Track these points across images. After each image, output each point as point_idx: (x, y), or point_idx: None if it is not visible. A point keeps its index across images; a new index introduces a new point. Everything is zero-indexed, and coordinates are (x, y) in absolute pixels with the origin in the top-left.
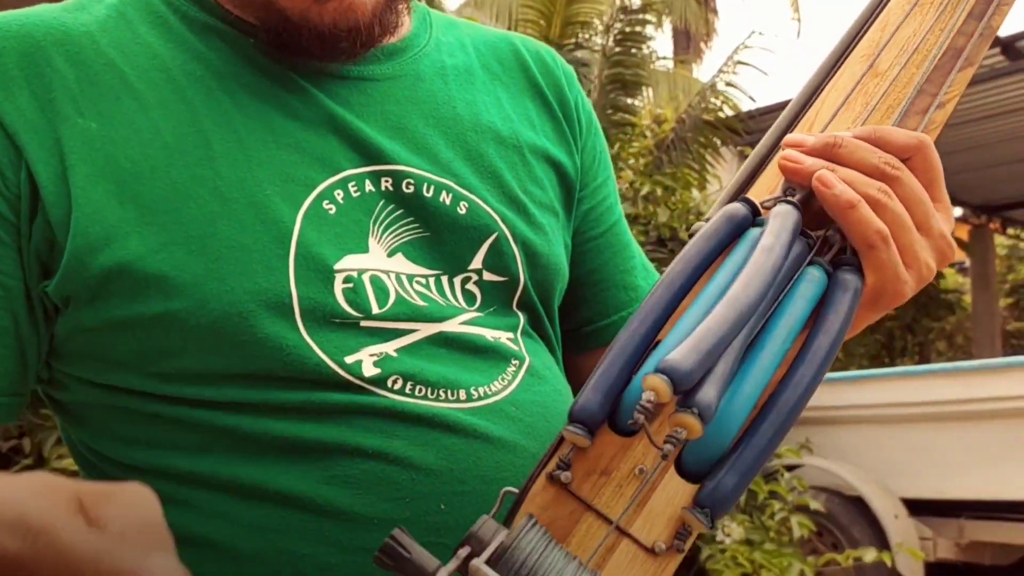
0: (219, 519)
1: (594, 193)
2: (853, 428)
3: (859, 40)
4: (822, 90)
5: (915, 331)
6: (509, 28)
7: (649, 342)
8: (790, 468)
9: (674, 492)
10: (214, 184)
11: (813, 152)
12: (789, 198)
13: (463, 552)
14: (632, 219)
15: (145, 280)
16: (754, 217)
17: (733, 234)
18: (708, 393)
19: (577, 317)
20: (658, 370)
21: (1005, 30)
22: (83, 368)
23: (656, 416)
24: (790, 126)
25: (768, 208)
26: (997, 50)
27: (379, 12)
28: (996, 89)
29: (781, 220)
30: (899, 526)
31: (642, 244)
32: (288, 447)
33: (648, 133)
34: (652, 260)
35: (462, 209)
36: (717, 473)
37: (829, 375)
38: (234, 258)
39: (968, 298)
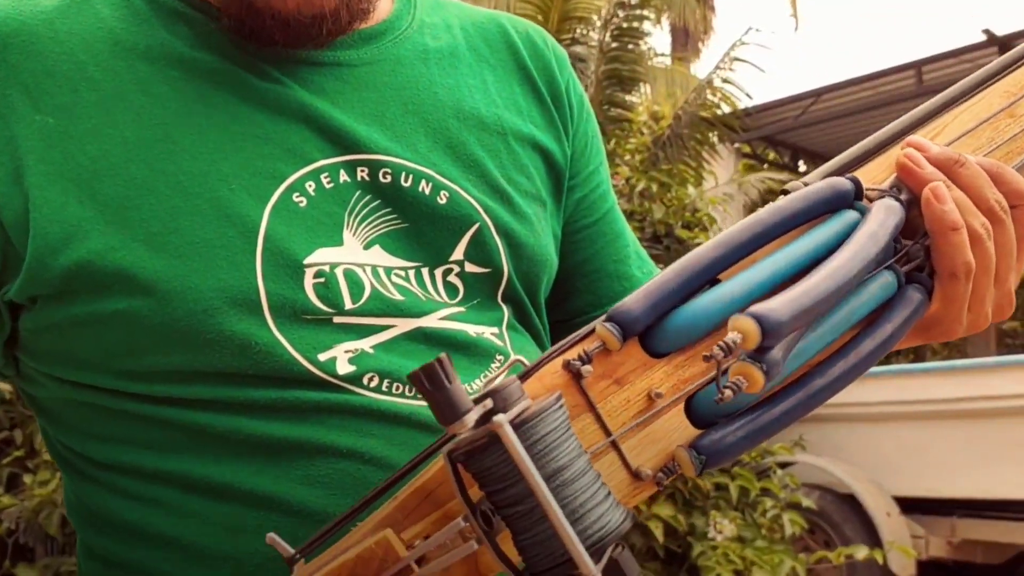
0: (190, 518)
1: (586, 181)
2: (847, 426)
3: (1008, 74)
4: (957, 105)
5: None
6: None
7: (714, 273)
8: (783, 465)
9: (675, 428)
10: (176, 179)
11: (935, 161)
12: (897, 195)
13: (489, 403)
14: (628, 215)
15: (106, 278)
16: (855, 198)
17: (832, 205)
18: (778, 354)
19: (569, 307)
20: (752, 314)
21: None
22: (52, 365)
23: (733, 355)
24: (916, 126)
25: (870, 197)
26: (994, 49)
27: None
28: None
29: (887, 213)
30: (891, 524)
31: (638, 240)
32: (260, 446)
33: (645, 130)
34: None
35: (442, 199)
36: (725, 427)
37: None
38: (197, 254)
39: None
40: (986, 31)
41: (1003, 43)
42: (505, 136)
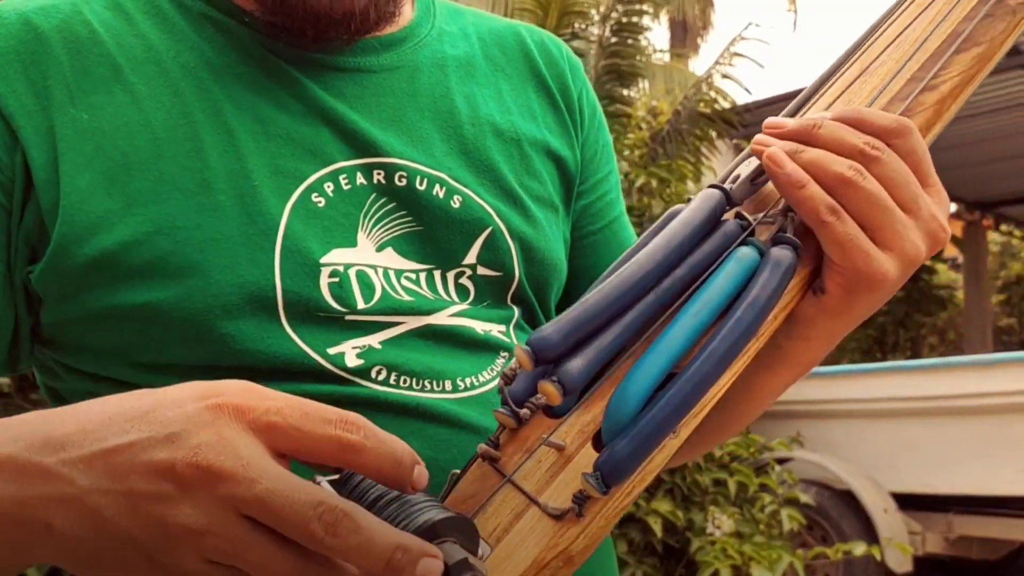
0: None
1: (594, 188)
2: (844, 422)
3: (866, 49)
4: (825, 88)
5: (907, 326)
6: (505, 16)
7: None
8: (781, 461)
9: (586, 464)
10: (202, 176)
11: (790, 135)
12: (721, 184)
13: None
14: (627, 210)
15: (129, 270)
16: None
17: (712, 217)
18: (574, 365)
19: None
20: (527, 341)
21: None
22: (71, 357)
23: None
24: (809, 97)
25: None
26: None
27: None
28: (991, 86)
29: (699, 201)
30: (888, 520)
31: (637, 236)
32: None
33: (643, 125)
34: None
35: (456, 203)
36: (614, 442)
37: (821, 369)
38: (219, 251)
39: (960, 294)
40: None
41: None
42: (519, 142)
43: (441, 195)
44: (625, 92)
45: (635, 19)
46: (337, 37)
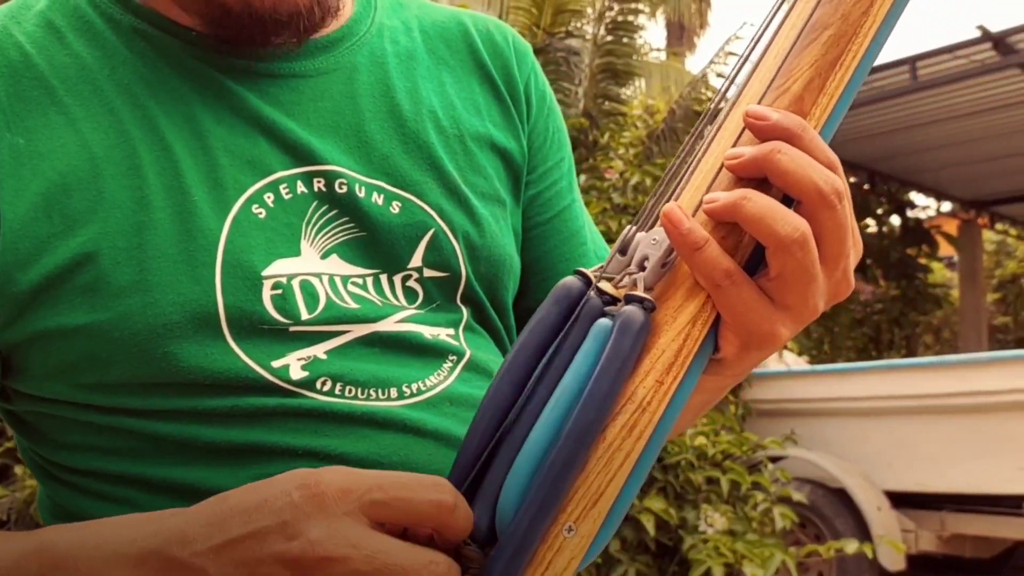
0: None
1: (542, 177)
2: (838, 420)
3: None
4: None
5: (902, 325)
6: (501, 15)
7: (480, 453)
8: (774, 460)
9: None
10: (141, 194)
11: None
12: (585, 271)
13: None
14: (621, 209)
15: (71, 292)
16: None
17: (567, 308)
18: (481, 520)
19: (523, 306)
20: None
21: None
22: (16, 380)
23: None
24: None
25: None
26: (988, 45)
27: None
28: (986, 84)
29: (549, 297)
30: (881, 518)
31: None
32: (219, 450)
33: (639, 124)
34: None
35: (395, 208)
36: (492, 557)
37: (815, 367)
38: (159, 268)
39: (956, 293)
40: (980, 27)
41: (997, 39)
42: (462, 138)
43: (380, 202)
44: (620, 91)
45: (630, 18)
46: (287, 40)
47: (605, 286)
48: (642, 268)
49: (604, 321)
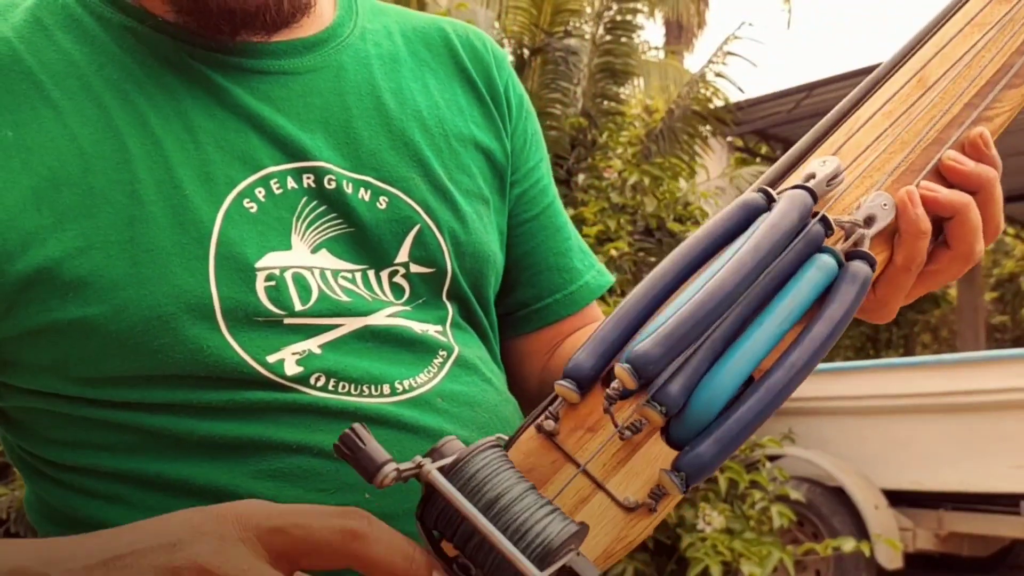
0: (149, 512)
1: (526, 176)
2: (836, 419)
3: (913, 55)
4: (869, 98)
5: (900, 324)
6: (500, 15)
7: (651, 311)
8: (772, 458)
9: (656, 455)
10: (131, 188)
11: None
12: (806, 184)
13: (422, 459)
14: (619, 208)
15: (63, 286)
16: (769, 205)
17: (746, 219)
18: (673, 389)
19: (511, 300)
20: (625, 359)
21: None
22: (7, 373)
23: (627, 398)
24: (832, 128)
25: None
26: None
27: None
28: None
29: (787, 203)
30: (879, 517)
31: (629, 234)
32: (214, 445)
33: (638, 123)
34: (639, 250)
35: (382, 204)
36: (699, 442)
37: None
38: (152, 261)
39: (954, 292)
40: None
41: None
42: (447, 136)
43: (367, 198)
44: (619, 90)
45: (629, 17)
46: (254, 33)
47: (831, 221)
48: (868, 225)
49: (828, 259)
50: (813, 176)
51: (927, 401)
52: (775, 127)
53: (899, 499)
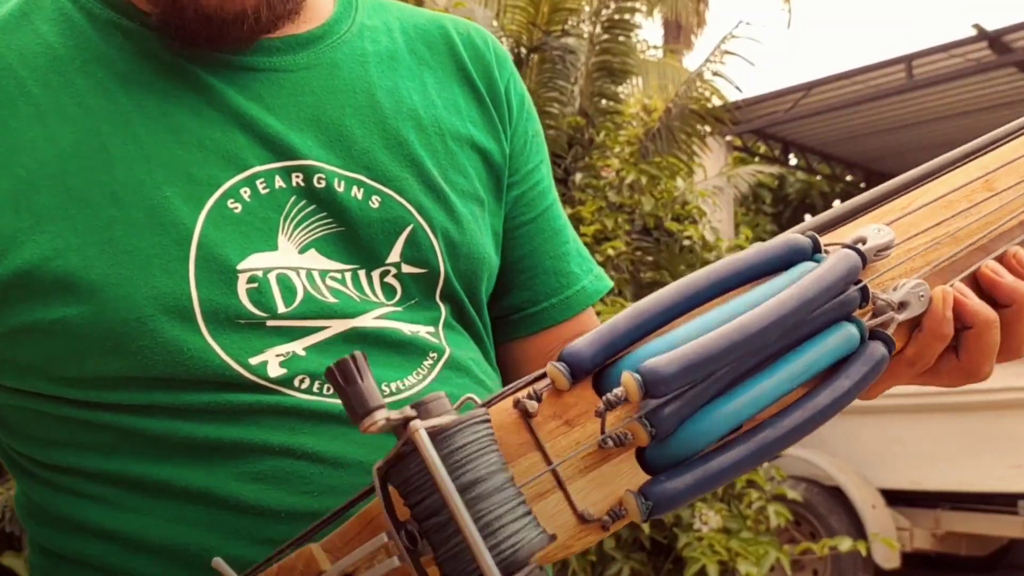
0: (131, 513)
1: (525, 178)
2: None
3: (988, 152)
4: (936, 177)
5: None
6: (498, 13)
7: (670, 319)
8: None
9: (626, 471)
10: (111, 189)
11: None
12: (857, 247)
13: (410, 412)
14: (617, 208)
15: (44, 287)
16: (813, 254)
17: (788, 260)
18: (668, 413)
19: (507, 303)
20: (638, 370)
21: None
22: None
23: (628, 407)
24: (892, 194)
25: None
26: (984, 44)
27: None
28: (983, 83)
29: (837, 261)
30: (876, 516)
31: (627, 233)
32: (196, 447)
33: (636, 122)
34: (637, 250)
35: (374, 203)
36: (675, 474)
37: None
38: (132, 263)
39: None
40: (976, 26)
41: (993, 38)
42: (443, 136)
43: (359, 196)
44: (617, 89)
45: (627, 16)
46: (232, 38)
47: (869, 293)
48: (900, 309)
49: (853, 330)
50: (864, 241)
51: (924, 400)
52: (773, 126)
53: (897, 498)
